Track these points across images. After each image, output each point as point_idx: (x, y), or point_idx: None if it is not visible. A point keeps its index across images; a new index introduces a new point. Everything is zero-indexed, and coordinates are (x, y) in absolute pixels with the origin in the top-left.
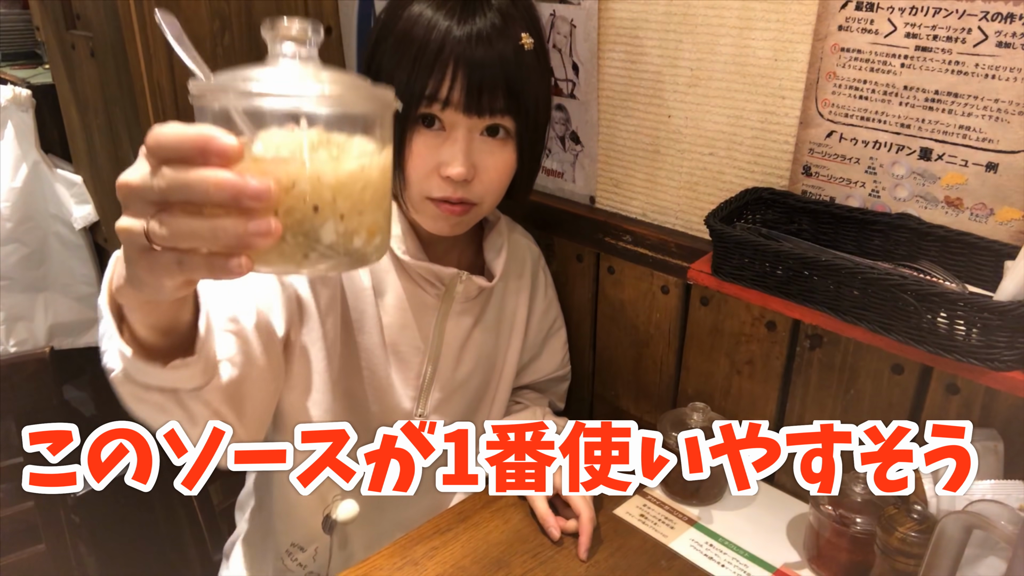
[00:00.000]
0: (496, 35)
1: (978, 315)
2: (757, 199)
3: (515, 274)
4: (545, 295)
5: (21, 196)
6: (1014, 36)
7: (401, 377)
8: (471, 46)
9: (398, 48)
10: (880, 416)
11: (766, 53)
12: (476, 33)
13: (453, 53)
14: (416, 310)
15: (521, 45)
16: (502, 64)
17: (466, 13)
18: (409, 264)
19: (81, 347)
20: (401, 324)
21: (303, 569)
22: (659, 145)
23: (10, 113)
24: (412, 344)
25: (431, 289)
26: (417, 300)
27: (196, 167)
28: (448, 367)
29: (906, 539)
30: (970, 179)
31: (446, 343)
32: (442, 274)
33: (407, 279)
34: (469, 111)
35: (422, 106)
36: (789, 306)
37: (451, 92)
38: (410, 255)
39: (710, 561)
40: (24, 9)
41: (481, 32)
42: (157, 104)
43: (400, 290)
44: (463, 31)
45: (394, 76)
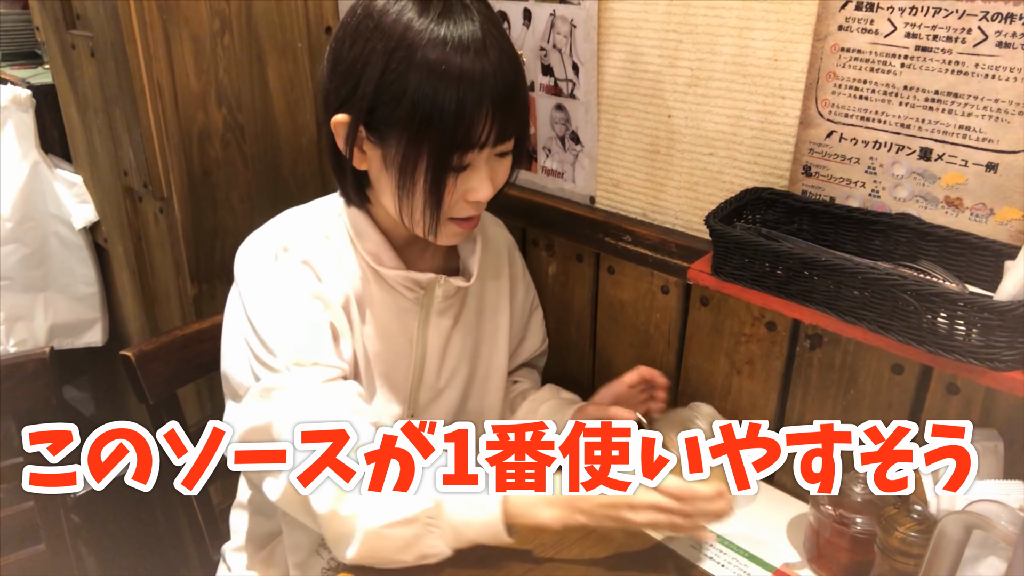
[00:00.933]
0: (509, 63)
1: (978, 315)
2: (757, 199)
3: (492, 266)
4: (523, 279)
5: (21, 196)
6: (1014, 36)
7: (388, 384)
8: (500, 86)
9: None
10: (880, 416)
11: (766, 53)
12: (499, 70)
13: (487, 101)
14: (397, 317)
15: (521, 65)
16: (519, 95)
17: (471, 39)
18: (387, 274)
19: (81, 347)
20: (384, 333)
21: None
22: (659, 145)
23: (10, 113)
24: (396, 351)
25: (410, 294)
26: (396, 307)
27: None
28: (434, 367)
29: (906, 539)
30: (970, 179)
31: (430, 345)
32: (420, 280)
33: (385, 288)
34: (495, 145)
35: (459, 156)
36: (789, 306)
37: (487, 138)
38: (387, 266)
39: (710, 561)
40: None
41: (502, 65)
42: (157, 104)
43: (379, 300)
44: (489, 69)
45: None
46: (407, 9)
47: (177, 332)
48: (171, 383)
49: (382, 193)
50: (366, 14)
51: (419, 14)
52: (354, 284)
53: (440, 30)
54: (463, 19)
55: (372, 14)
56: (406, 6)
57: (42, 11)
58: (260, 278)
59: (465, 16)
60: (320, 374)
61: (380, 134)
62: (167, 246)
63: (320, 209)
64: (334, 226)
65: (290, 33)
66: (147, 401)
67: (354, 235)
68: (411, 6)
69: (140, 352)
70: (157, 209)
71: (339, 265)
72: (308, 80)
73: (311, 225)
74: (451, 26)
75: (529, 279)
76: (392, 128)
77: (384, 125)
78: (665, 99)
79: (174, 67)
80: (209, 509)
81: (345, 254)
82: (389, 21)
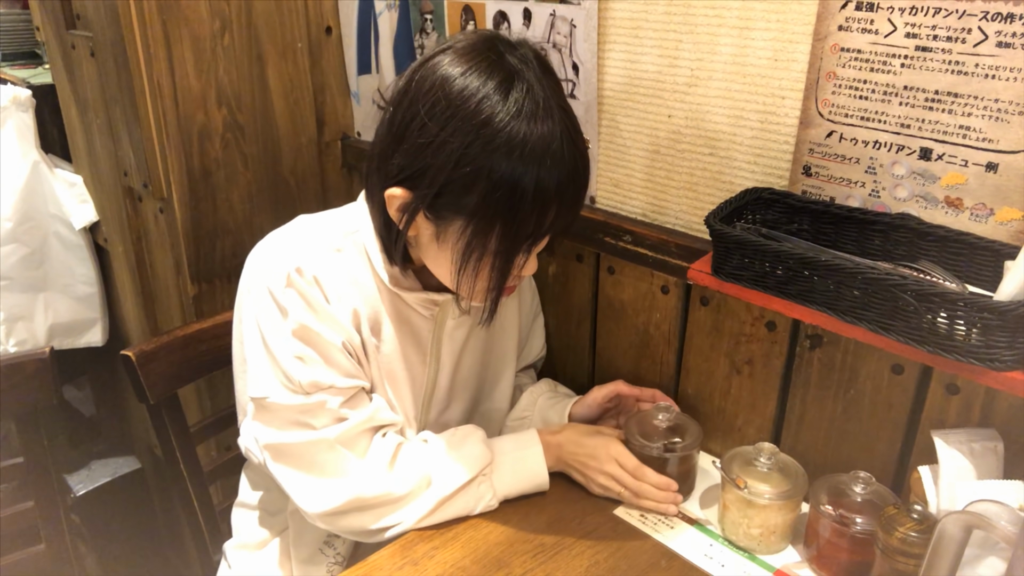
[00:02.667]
0: (582, 162)
1: (978, 315)
2: (757, 199)
3: None
4: (530, 286)
5: (21, 196)
6: (1014, 36)
7: (400, 397)
8: (575, 185)
9: (505, 191)
10: (880, 416)
11: (766, 53)
12: (573, 170)
13: (568, 200)
14: (412, 333)
15: (588, 166)
16: (587, 184)
17: (557, 140)
18: (405, 296)
19: (81, 347)
20: (398, 349)
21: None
22: (659, 145)
23: (10, 113)
24: (410, 366)
25: (425, 312)
26: (411, 324)
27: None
28: (445, 381)
29: (906, 539)
30: (970, 179)
31: (443, 359)
32: (437, 299)
33: (400, 305)
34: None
35: (528, 245)
36: (789, 306)
37: (551, 232)
38: (405, 287)
39: (710, 561)
40: (24, 9)
41: (575, 163)
42: (157, 104)
43: (394, 317)
44: (565, 174)
45: (507, 216)
46: (488, 99)
47: (177, 332)
48: (171, 383)
49: (432, 261)
50: (442, 94)
51: (499, 103)
52: (368, 301)
53: (521, 127)
54: (544, 114)
55: (450, 95)
56: (488, 96)
57: (42, 11)
58: (274, 304)
59: (546, 111)
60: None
61: (440, 216)
62: (167, 246)
63: (333, 222)
64: (347, 241)
65: (290, 33)
66: (147, 401)
67: (371, 255)
68: (493, 97)
69: (140, 352)
70: (157, 209)
71: (352, 283)
72: (308, 80)
73: (322, 239)
74: (533, 123)
75: (534, 285)
76: (458, 215)
77: (448, 210)
78: (665, 99)
79: (174, 67)
80: (209, 509)
81: (359, 271)
82: (468, 109)
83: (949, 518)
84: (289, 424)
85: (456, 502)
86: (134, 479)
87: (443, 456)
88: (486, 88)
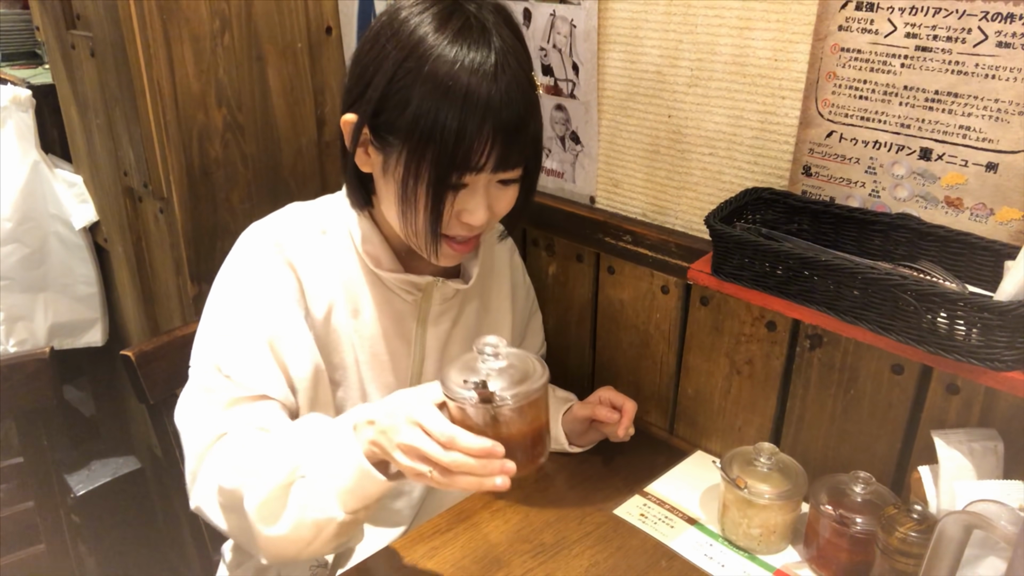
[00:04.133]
0: (520, 93)
1: (978, 315)
2: (757, 199)
3: (493, 269)
4: (524, 283)
5: (21, 196)
6: (1014, 36)
7: (383, 386)
8: (504, 113)
9: (431, 107)
10: (880, 416)
11: (766, 53)
12: (506, 97)
13: (489, 125)
14: (394, 319)
15: (536, 93)
16: (527, 126)
17: (482, 63)
18: (384, 277)
19: (81, 347)
20: (380, 335)
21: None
22: (659, 145)
23: (10, 113)
24: (393, 353)
25: (408, 297)
26: (393, 309)
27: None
28: (432, 370)
29: (906, 539)
30: (970, 179)
31: (428, 346)
32: (418, 282)
33: (382, 289)
34: (494, 171)
35: (457, 175)
36: (789, 306)
37: (486, 162)
38: (385, 268)
39: (710, 561)
40: (24, 9)
41: (510, 93)
42: (157, 104)
43: (375, 302)
44: (495, 94)
45: (431, 138)
46: (425, 22)
47: (177, 332)
48: (171, 383)
49: (384, 200)
50: (389, 20)
51: (436, 29)
52: (348, 285)
53: (452, 49)
54: (480, 42)
55: (394, 21)
56: (425, 19)
57: (42, 11)
58: (236, 274)
59: (483, 40)
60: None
61: (383, 140)
62: (167, 246)
63: (323, 205)
64: (334, 223)
65: (290, 33)
66: (147, 401)
67: (355, 235)
68: (430, 20)
69: (140, 352)
70: (157, 209)
71: (333, 264)
72: (308, 80)
73: (309, 220)
74: (465, 47)
75: (529, 283)
76: (395, 136)
77: (387, 132)
78: (665, 99)
79: (174, 67)
80: None
81: (342, 253)
82: (407, 31)
83: (949, 518)
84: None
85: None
86: (134, 479)
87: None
88: (427, 13)
